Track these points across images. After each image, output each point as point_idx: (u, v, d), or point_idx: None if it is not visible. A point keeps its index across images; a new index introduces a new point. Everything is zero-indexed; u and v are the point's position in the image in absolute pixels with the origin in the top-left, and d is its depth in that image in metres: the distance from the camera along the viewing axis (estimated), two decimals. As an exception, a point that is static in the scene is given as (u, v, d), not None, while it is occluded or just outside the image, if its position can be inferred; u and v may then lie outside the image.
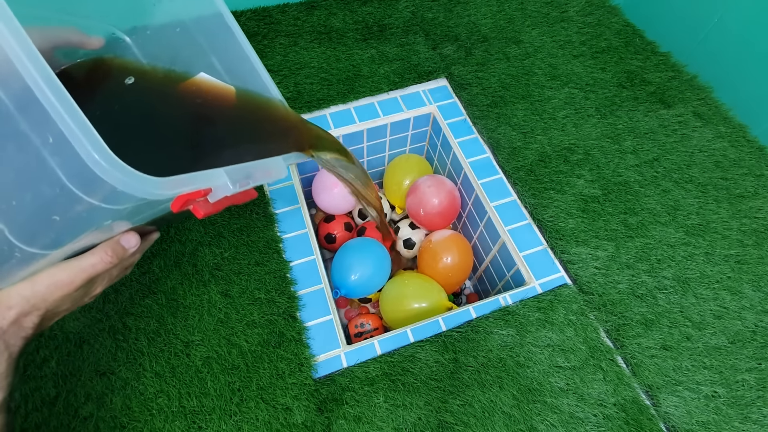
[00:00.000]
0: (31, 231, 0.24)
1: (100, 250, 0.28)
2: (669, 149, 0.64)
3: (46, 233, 0.24)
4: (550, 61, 0.73)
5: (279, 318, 0.49)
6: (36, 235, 0.24)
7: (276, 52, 0.71)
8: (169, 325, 0.48)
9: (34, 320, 0.28)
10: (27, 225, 0.23)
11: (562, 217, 0.57)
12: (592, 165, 0.62)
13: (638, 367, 0.48)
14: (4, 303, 0.27)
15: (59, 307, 0.29)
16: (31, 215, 0.23)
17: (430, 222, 0.68)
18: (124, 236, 0.29)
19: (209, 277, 0.51)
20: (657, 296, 0.52)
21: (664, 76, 0.71)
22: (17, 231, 0.23)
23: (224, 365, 0.46)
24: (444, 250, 0.64)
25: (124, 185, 0.19)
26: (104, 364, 0.46)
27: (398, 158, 0.74)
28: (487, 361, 0.47)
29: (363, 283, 0.60)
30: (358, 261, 0.61)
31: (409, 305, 0.58)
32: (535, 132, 0.65)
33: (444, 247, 0.64)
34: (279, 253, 0.54)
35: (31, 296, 0.27)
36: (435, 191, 0.65)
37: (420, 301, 0.58)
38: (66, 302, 0.29)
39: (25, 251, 0.24)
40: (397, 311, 0.59)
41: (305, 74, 0.70)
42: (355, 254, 0.61)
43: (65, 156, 0.19)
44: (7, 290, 0.27)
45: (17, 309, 0.27)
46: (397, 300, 0.60)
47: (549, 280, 0.54)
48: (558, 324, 0.50)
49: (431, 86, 0.71)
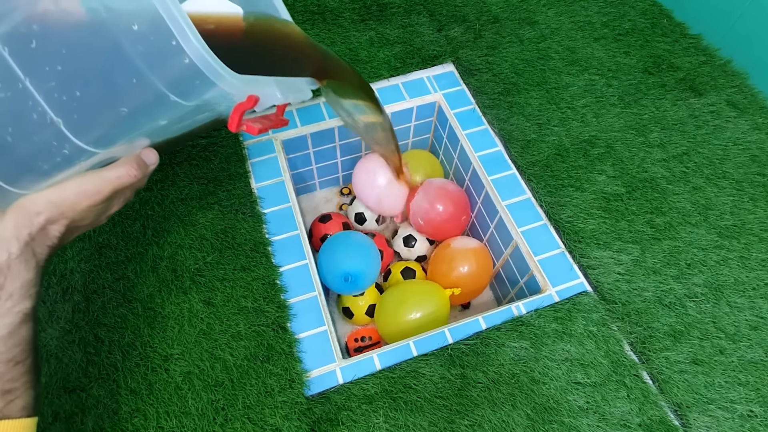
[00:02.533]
0: (92, 123, 0.26)
1: (126, 164, 0.31)
2: (700, 142, 0.64)
3: (106, 127, 0.26)
4: (568, 44, 0.73)
5: (267, 329, 0.49)
6: (94, 128, 0.26)
7: (264, 34, 0.71)
8: (145, 337, 0.48)
9: (60, 229, 0.30)
10: (88, 117, 0.25)
11: (582, 217, 0.58)
12: (615, 159, 0.62)
13: (666, 384, 0.48)
14: (33, 209, 0.28)
15: (83, 220, 0.32)
16: (96, 107, 0.25)
17: (434, 233, 0.68)
18: (145, 152, 0.32)
19: (190, 283, 0.51)
20: (687, 305, 0.52)
21: (695, 60, 0.71)
22: (75, 124, 0.25)
23: (207, 381, 0.46)
24: (463, 259, 0.63)
25: (214, 74, 0.22)
26: (74, 380, 0.46)
27: (404, 155, 0.74)
28: (499, 376, 0.47)
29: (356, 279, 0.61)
30: (347, 256, 0.61)
31: (407, 315, 0.58)
32: (552, 123, 0.65)
33: (463, 257, 0.63)
34: (267, 257, 0.54)
35: (60, 203, 0.29)
36: (438, 202, 0.64)
37: (419, 310, 0.58)
38: (90, 215, 0.31)
39: (76, 146, 0.26)
40: (395, 324, 0.59)
41: (297, 59, 0.70)
42: (341, 249, 0.61)
43: (150, 45, 0.22)
44: (34, 196, 0.29)
45: (45, 215, 0.29)
46: (393, 311, 0.60)
47: (567, 287, 0.54)
48: (577, 336, 0.50)
49: (436, 72, 0.71)
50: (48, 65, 0.24)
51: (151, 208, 0.56)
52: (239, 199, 0.58)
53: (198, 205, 0.57)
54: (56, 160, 0.27)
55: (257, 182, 0.60)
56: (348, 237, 0.63)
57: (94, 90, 0.24)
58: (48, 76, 0.24)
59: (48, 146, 0.26)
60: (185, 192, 0.57)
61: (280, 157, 0.63)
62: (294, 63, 0.36)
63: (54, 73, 0.24)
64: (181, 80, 0.23)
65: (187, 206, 0.56)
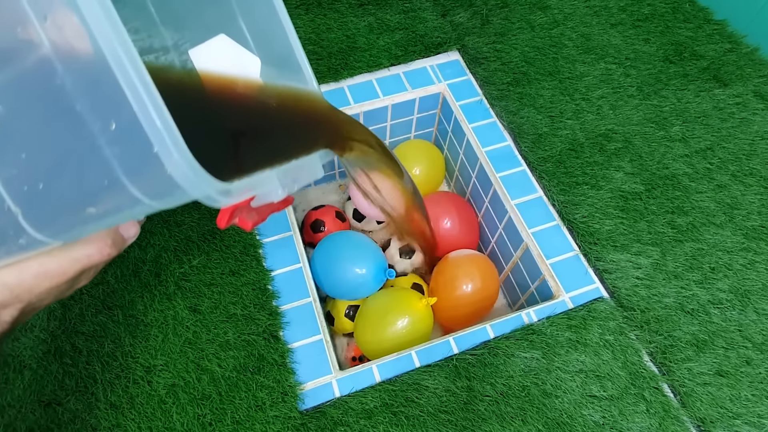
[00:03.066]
0: (52, 219, 0.24)
1: (99, 240, 0.28)
2: (725, 136, 0.62)
3: (69, 223, 0.24)
4: (583, 30, 0.71)
5: (258, 338, 0.48)
6: (55, 224, 0.24)
7: (256, 19, 0.69)
8: (126, 346, 0.47)
9: (13, 313, 0.28)
10: (49, 212, 0.24)
11: (598, 217, 0.56)
12: (633, 155, 0.60)
13: (688, 397, 0.46)
14: None
15: (42, 302, 0.29)
16: (59, 203, 0.23)
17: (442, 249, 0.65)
18: (124, 225, 0.29)
19: (175, 288, 0.50)
20: (711, 312, 0.50)
21: (719, 48, 0.69)
22: (35, 216, 0.24)
23: (193, 395, 0.45)
24: (465, 274, 0.58)
25: (202, 192, 0.20)
26: (49, 392, 0.44)
27: (402, 145, 0.72)
28: (508, 389, 0.46)
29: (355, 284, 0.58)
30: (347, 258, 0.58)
31: (386, 329, 0.54)
32: (565, 115, 0.63)
33: (465, 271, 0.59)
34: (258, 261, 0.52)
35: (15, 286, 0.27)
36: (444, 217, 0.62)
37: (396, 319, 0.54)
38: (50, 296, 0.29)
39: (33, 238, 0.24)
40: (376, 341, 0.55)
41: (291, 46, 0.68)
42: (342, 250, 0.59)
43: (127, 147, 0.20)
44: None
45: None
46: (371, 327, 0.55)
47: (581, 293, 0.52)
48: (592, 345, 0.48)
49: (440, 61, 0.69)
50: (12, 151, 0.22)
51: (134, 206, 0.54)
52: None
53: (183, 206, 0.55)
54: (12, 247, 0.25)
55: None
56: (350, 237, 0.61)
57: (59, 185, 0.22)
58: (10, 162, 0.22)
59: (3, 233, 0.24)
60: (171, 189, 0.55)
61: (273, 152, 0.60)
62: (309, 134, 0.31)
63: (17, 161, 0.22)
64: (161, 189, 0.21)
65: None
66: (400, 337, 0.54)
